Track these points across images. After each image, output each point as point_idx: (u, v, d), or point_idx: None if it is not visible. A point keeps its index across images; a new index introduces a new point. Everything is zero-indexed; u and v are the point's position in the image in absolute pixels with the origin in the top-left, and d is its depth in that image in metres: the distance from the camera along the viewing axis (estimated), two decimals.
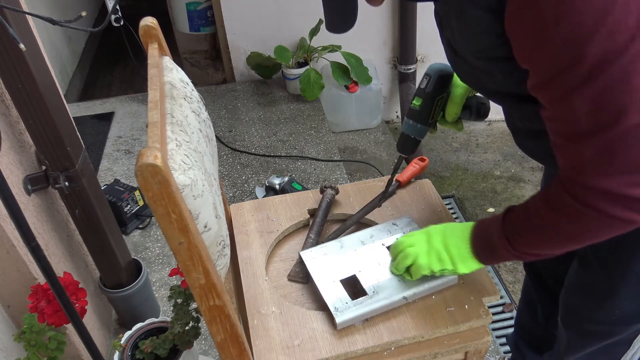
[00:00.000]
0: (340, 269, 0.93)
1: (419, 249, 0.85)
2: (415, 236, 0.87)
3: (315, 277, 0.92)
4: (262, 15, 2.62)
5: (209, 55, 3.14)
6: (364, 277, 0.91)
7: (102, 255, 1.36)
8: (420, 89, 0.96)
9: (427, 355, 0.85)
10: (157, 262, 1.85)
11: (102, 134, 2.53)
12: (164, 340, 1.09)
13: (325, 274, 0.92)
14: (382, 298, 0.87)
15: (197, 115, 0.80)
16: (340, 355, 0.82)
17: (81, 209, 1.24)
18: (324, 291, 0.89)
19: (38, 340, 1.02)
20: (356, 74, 2.50)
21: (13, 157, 1.11)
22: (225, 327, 0.69)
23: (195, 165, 0.66)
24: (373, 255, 0.95)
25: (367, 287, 0.89)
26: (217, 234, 0.71)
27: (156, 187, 0.53)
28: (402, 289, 0.88)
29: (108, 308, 1.58)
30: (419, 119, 0.96)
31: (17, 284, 1.14)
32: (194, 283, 0.63)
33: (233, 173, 2.26)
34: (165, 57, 0.84)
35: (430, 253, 0.85)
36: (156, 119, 0.63)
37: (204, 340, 1.58)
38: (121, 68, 3.70)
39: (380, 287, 0.89)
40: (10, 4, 0.93)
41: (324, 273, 0.93)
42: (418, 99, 0.96)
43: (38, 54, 1.08)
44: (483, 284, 0.90)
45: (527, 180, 2.44)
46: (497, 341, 1.69)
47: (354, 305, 0.86)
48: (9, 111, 1.12)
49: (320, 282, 0.91)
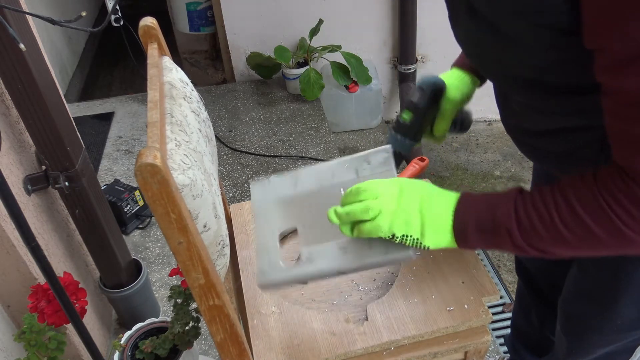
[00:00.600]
0: (284, 215, 0.81)
1: (384, 203, 0.68)
2: (384, 185, 0.70)
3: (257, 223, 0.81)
4: (262, 15, 2.62)
5: (209, 55, 3.14)
6: (304, 234, 0.78)
7: (102, 255, 1.36)
8: (411, 102, 0.90)
9: (427, 355, 0.85)
10: (157, 262, 1.85)
11: (102, 134, 2.53)
12: (164, 340, 1.09)
13: (267, 221, 0.81)
14: (314, 268, 0.75)
15: (196, 115, 0.80)
16: (340, 355, 0.82)
17: (81, 209, 1.24)
18: (258, 245, 0.80)
19: (38, 340, 1.02)
20: (356, 74, 2.50)
21: (13, 157, 1.11)
22: (225, 327, 0.69)
23: (195, 165, 0.66)
24: (325, 203, 0.75)
25: (303, 249, 0.77)
26: (216, 233, 0.71)
27: (155, 186, 0.53)
28: (341, 261, 0.74)
29: (108, 308, 1.58)
30: (408, 134, 0.90)
31: (17, 284, 1.14)
32: (194, 283, 0.63)
33: (233, 173, 2.26)
34: (165, 57, 0.84)
35: (398, 213, 0.68)
36: (156, 119, 0.63)
37: (204, 340, 1.58)
38: (121, 68, 3.70)
39: (317, 254, 0.76)
40: (10, 4, 0.93)
41: (267, 219, 0.81)
42: (408, 112, 0.90)
43: (38, 54, 1.08)
44: (483, 283, 0.90)
45: (527, 181, 2.43)
46: (497, 341, 1.68)
47: (282, 270, 0.77)
48: (9, 111, 1.12)
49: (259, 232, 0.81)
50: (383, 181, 0.71)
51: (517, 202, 0.64)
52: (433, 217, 0.68)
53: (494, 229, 0.65)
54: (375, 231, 0.69)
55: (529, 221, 0.63)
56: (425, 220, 0.68)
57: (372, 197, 0.69)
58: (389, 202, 0.69)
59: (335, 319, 0.86)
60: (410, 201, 0.69)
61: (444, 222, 0.68)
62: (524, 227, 0.63)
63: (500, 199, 0.66)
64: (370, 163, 0.79)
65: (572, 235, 0.61)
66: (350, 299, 0.92)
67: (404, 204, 0.69)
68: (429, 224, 0.68)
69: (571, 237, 0.61)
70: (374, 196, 0.69)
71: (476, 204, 0.68)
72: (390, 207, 0.69)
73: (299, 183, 0.81)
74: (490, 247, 0.68)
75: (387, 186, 0.70)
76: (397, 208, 0.69)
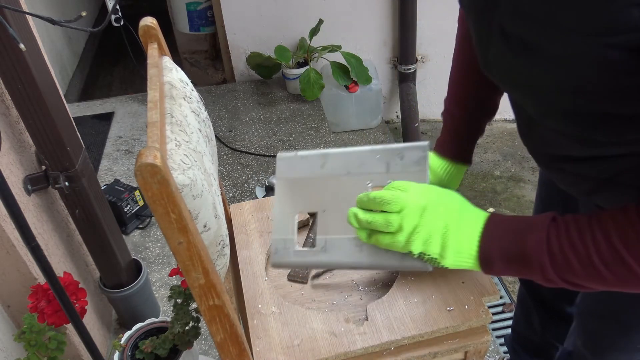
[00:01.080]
0: (306, 196, 0.79)
1: (406, 218, 0.66)
2: (409, 198, 0.67)
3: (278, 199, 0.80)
4: (262, 15, 2.62)
5: (209, 55, 3.14)
6: (323, 222, 0.77)
7: (102, 255, 1.36)
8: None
9: (427, 355, 0.85)
10: (157, 262, 1.85)
11: (102, 134, 2.53)
12: (164, 340, 1.09)
13: (288, 199, 0.79)
14: (328, 259, 0.75)
15: (196, 115, 0.80)
16: (340, 355, 0.82)
17: (81, 209, 1.24)
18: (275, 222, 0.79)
19: (38, 340, 1.02)
20: (356, 74, 2.50)
21: (13, 157, 1.11)
22: (224, 326, 0.69)
23: (195, 165, 0.66)
24: (350, 193, 0.74)
25: (320, 236, 0.76)
26: (216, 233, 0.71)
27: (155, 186, 0.53)
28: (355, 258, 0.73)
29: (108, 308, 1.58)
30: None
31: (17, 284, 1.14)
32: (194, 283, 0.63)
33: (233, 173, 2.26)
34: (165, 57, 0.84)
35: (419, 230, 0.65)
36: (156, 119, 0.63)
37: (204, 340, 1.58)
38: (121, 68, 3.70)
39: (333, 245, 0.75)
40: (10, 4, 0.93)
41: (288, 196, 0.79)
42: None
43: (38, 54, 1.08)
44: (483, 284, 0.90)
45: (527, 180, 2.43)
46: (497, 341, 1.68)
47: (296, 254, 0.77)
48: (9, 111, 1.12)
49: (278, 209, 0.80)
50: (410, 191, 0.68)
51: (550, 232, 0.60)
52: (457, 241, 0.65)
53: (524, 259, 0.61)
54: (392, 246, 0.67)
55: (562, 256, 0.59)
56: (447, 242, 0.65)
57: (395, 210, 0.66)
58: (411, 218, 0.66)
59: (335, 319, 0.86)
60: (435, 219, 0.66)
61: (468, 247, 0.65)
62: (558, 261, 0.59)
63: (531, 227, 0.62)
64: (403, 159, 0.75)
65: (611, 274, 0.57)
66: (350, 299, 0.92)
67: (427, 221, 0.66)
68: (451, 247, 0.65)
69: (610, 276, 0.57)
70: (398, 208, 0.66)
71: (505, 231, 0.64)
72: (411, 223, 0.66)
73: (326, 164, 0.78)
74: (517, 275, 0.65)
75: (414, 198, 0.67)
76: (419, 225, 0.66)
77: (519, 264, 0.62)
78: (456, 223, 0.66)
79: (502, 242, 0.63)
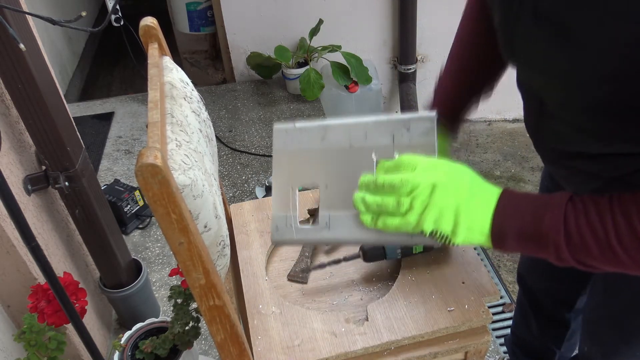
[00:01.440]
0: (306, 170, 0.75)
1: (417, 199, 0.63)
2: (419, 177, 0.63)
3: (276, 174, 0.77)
4: (262, 15, 2.62)
5: (209, 55, 3.14)
6: (326, 196, 0.73)
7: (102, 255, 1.36)
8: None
9: (427, 355, 0.85)
10: (157, 262, 1.85)
11: (102, 134, 2.53)
12: (164, 340, 1.09)
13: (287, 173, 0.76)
14: (331, 236, 0.72)
15: (197, 115, 0.80)
16: (340, 355, 0.82)
17: (81, 209, 1.24)
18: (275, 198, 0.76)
19: (38, 340, 1.02)
20: (356, 74, 2.50)
21: (13, 157, 1.11)
22: (225, 327, 0.69)
23: (195, 165, 0.66)
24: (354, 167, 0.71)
25: (322, 213, 0.73)
26: (217, 234, 0.71)
27: (156, 187, 0.53)
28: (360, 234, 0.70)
29: (108, 308, 1.58)
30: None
31: (17, 284, 1.14)
32: (194, 283, 0.63)
33: (233, 173, 2.26)
34: (165, 57, 0.84)
35: (430, 209, 0.63)
36: (156, 119, 0.63)
37: (204, 340, 1.58)
38: (121, 68, 3.70)
39: (336, 221, 0.72)
40: (10, 4, 0.93)
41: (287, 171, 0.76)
42: None
43: (38, 54, 1.08)
44: (483, 284, 0.90)
45: (527, 180, 2.44)
46: (497, 341, 1.68)
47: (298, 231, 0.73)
48: (9, 111, 1.12)
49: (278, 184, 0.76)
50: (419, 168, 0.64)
51: (567, 211, 0.58)
52: (469, 218, 0.63)
53: (538, 238, 0.59)
54: (403, 227, 0.64)
55: (580, 237, 0.57)
56: (459, 219, 0.63)
57: (405, 192, 0.63)
58: (422, 197, 0.62)
59: (336, 319, 0.86)
60: (446, 197, 0.62)
61: (480, 224, 0.63)
62: (574, 242, 0.57)
63: (547, 205, 0.59)
64: (409, 130, 0.71)
65: (629, 258, 0.56)
66: (350, 299, 0.92)
67: (438, 199, 0.62)
68: (463, 224, 0.63)
69: (627, 260, 0.56)
70: (408, 190, 0.63)
71: (519, 208, 0.61)
72: (422, 203, 0.63)
73: (327, 136, 0.74)
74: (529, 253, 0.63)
75: (423, 177, 0.63)
76: (430, 204, 0.63)
77: (533, 242, 0.60)
78: (468, 199, 0.63)
79: (516, 220, 0.61)
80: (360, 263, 0.97)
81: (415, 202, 0.63)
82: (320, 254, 1.00)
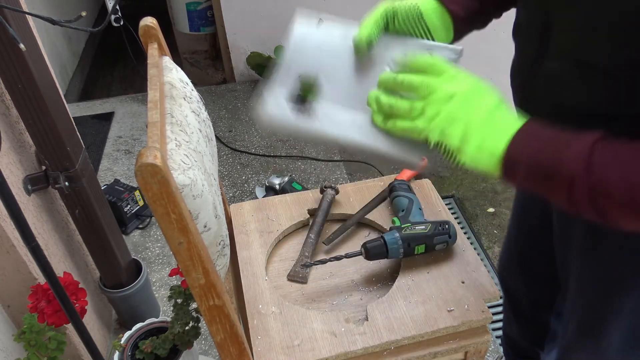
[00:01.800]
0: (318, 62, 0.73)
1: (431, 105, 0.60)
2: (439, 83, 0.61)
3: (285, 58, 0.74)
4: (262, 15, 2.62)
5: (209, 55, 3.14)
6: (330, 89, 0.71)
7: (102, 255, 1.36)
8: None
9: (427, 355, 0.85)
10: (157, 262, 1.85)
11: (102, 134, 2.53)
12: (164, 340, 1.09)
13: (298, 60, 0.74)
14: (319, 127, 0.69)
15: (196, 115, 0.80)
16: (340, 355, 0.82)
17: (81, 209, 1.24)
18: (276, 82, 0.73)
19: (38, 340, 1.03)
20: None
21: (13, 157, 1.11)
22: (225, 327, 0.69)
23: (195, 165, 0.66)
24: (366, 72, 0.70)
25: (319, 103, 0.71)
26: (216, 233, 0.71)
27: (156, 187, 0.53)
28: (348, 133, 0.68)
29: (108, 308, 1.58)
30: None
31: (17, 284, 1.14)
32: (194, 283, 0.63)
33: (233, 173, 2.26)
34: (165, 57, 0.84)
35: (440, 117, 0.60)
36: (156, 119, 0.63)
37: (204, 340, 1.58)
38: (121, 68, 3.70)
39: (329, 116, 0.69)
40: (10, 4, 0.93)
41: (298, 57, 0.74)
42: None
43: (38, 54, 1.08)
44: (483, 284, 0.90)
45: None
46: (497, 341, 1.68)
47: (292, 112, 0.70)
48: (9, 111, 1.12)
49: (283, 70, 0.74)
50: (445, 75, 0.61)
51: (595, 146, 0.52)
52: (481, 136, 0.58)
53: (555, 172, 0.54)
54: (410, 132, 0.62)
55: (603, 174, 0.51)
56: (469, 136, 0.59)
57: (422, 95, 0.61)
58: (436, 104, 0.60)
59: (335, 319, 0.86)
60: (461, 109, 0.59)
61: (492, 145, 0.58)
62: (595, 179, 0.51)
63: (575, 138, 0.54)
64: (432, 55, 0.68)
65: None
66: (350, 299, 0.92)
67: (451, 109, 0.59)
68: (474, 141, 0.59)
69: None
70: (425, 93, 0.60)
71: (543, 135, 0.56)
72: (435, 109, 0.60)
73: (347, 38, 0.73)
74: (537, 188, 0.57)
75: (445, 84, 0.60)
76: (442, 111, 0.60)
77: (546, 175, 0.55)
78: (485, 118, 0.59)
79: (535, 146, 0.56)
80: (361, 263, 0.97)
81: (427, 108, 0.60)
82: (321, 252, 1.00)
